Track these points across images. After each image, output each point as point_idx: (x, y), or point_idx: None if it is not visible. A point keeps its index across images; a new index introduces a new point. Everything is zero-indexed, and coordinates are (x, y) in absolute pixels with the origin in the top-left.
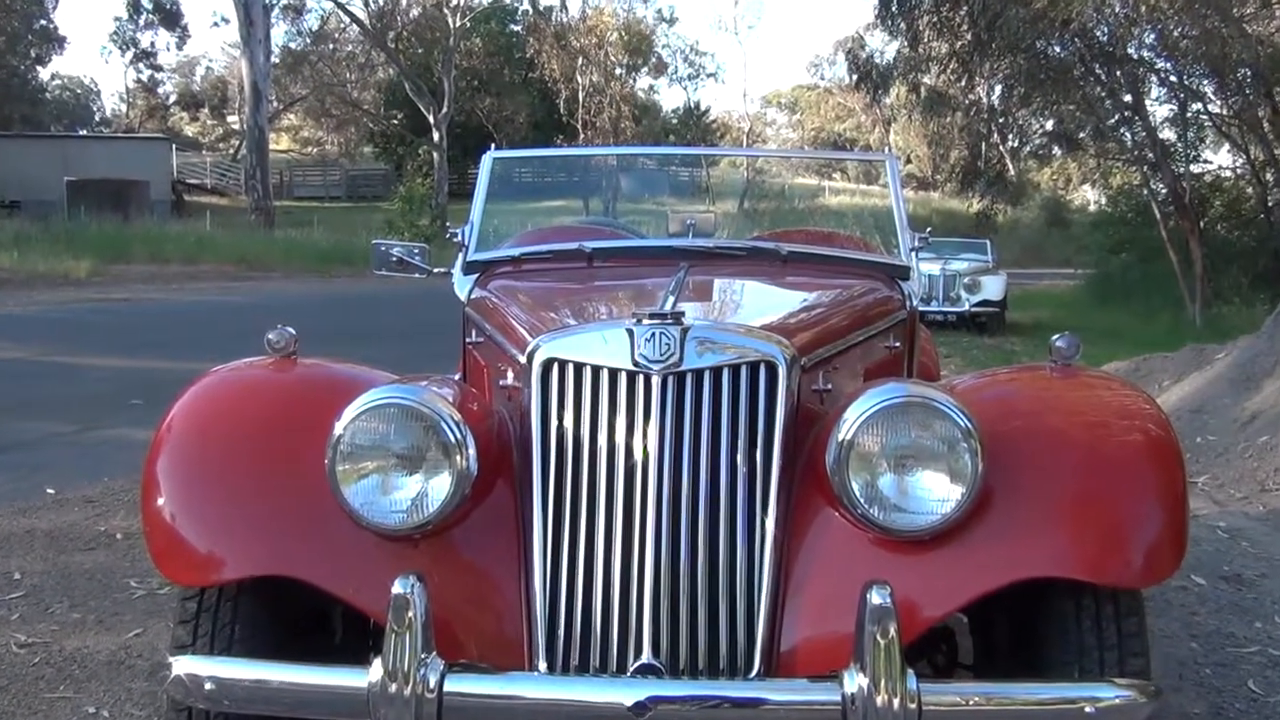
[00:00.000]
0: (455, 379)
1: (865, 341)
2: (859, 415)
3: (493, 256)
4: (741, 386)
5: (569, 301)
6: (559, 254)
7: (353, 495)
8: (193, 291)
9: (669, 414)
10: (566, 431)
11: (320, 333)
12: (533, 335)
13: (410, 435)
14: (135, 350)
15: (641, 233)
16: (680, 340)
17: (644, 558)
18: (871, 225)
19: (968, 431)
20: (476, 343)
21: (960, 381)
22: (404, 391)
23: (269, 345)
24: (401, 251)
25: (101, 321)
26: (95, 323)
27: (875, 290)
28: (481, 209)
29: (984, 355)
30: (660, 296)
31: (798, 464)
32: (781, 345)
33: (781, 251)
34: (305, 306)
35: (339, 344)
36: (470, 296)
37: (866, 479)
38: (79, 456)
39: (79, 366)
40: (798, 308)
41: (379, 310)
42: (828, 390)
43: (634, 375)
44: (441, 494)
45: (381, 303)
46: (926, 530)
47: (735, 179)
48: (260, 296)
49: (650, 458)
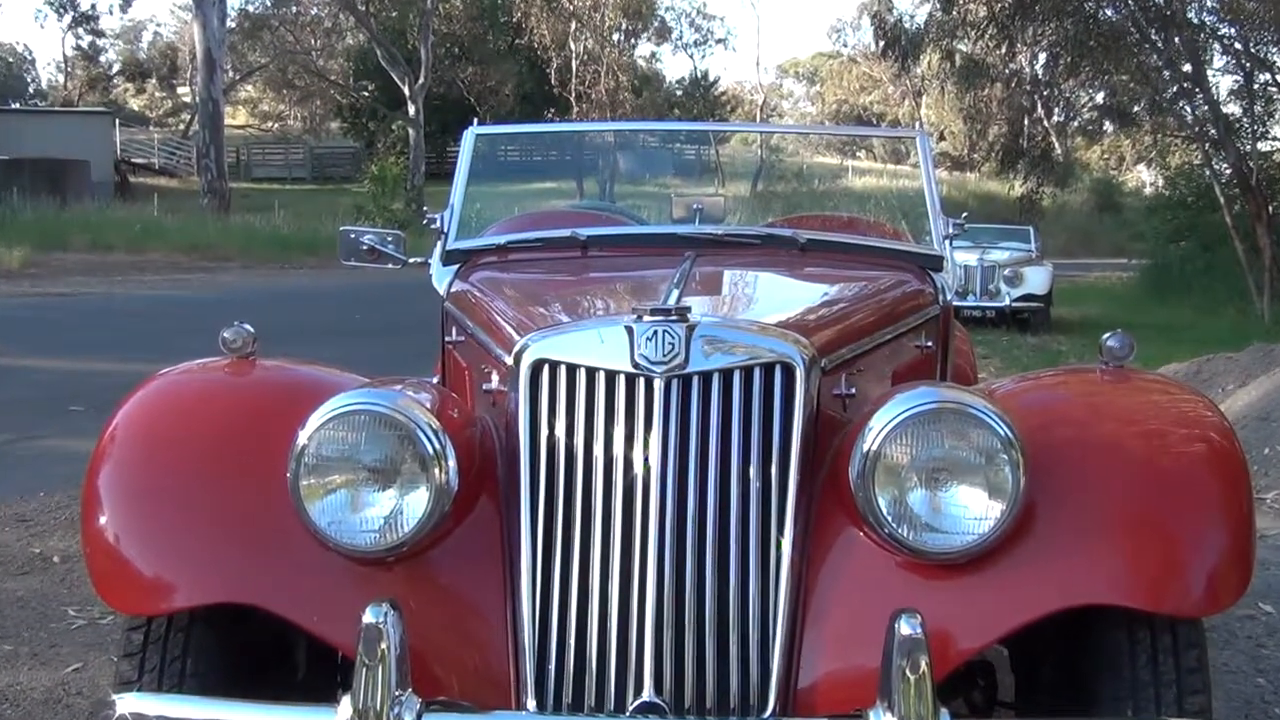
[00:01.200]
0: (433, 382)
1: (893, 341)
2: (886, 423)
3: (475, 245)
4: (754, 391)
5: (561, 295)
6: (549, 242)
7: (318, 513)
8: (139, 284)
9: (673, 422)
10: (558, 441)
11: (282, 330)
12: (520, 333)
13: (383, 446)
14: (75, 350)
15: (642, 218)
16: (685, 339)
17: (645, 583)
18: (900, 210)
19: (1008, 441)
20: (457, 342)
21: (1000, 385)
22: (376, 396)
23: (224, 344)
24: (373, 239)
25: (36, 318)
26: (29, 319)
27: (904, 283)
28: (463, 192)
29: (1026, 356)
30: (663, 290)
31: (817, 478)
32: (799, 345)
33: (799, 240)
34: (265, 301)
35: (303, 343)
36: (450, 290)
37: (894, 495)
38: (11, 469)
39: (11, 369)
40: (817, 303)
41: (347, 305)
42: (851, 395)
43: (633, 378)
44: (418, 511)
45: (350, 297)
46: (962, 552)
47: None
48: (214, 290)
49: (652, 471)
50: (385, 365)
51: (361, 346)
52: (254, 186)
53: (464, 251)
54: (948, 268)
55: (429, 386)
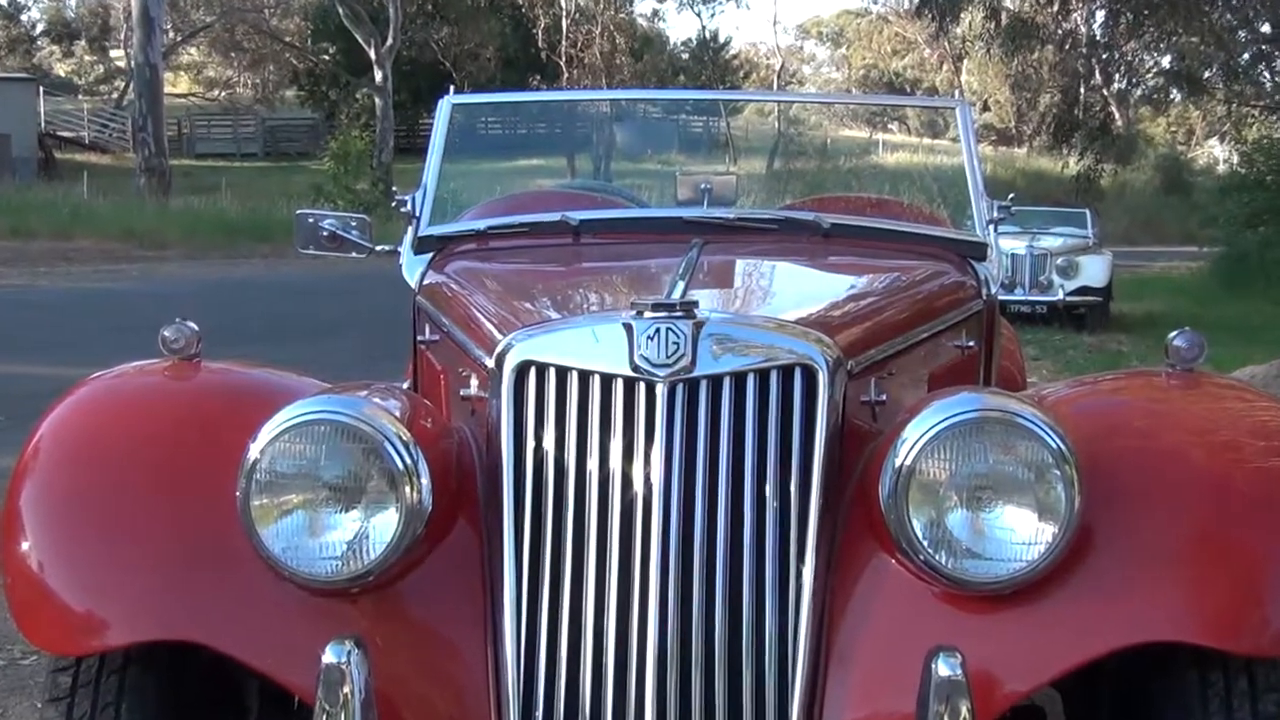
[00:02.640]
0: (403, 388)
1: (929, 340)
2: (921, 435)
3: (452, 230)
4: (771, 398)
5: (549, 288)
6: (537, 227)
7: (272, 537)
8: (66, 276)
9: (678, 433)
10: (546, 455)
11: (230, 328)
12: (503, 331)
13: (346, 460)
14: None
15: (642, 200)
16: (692, 338)
17: (646, 619)
18: (937, 191)
19: (1061, 455)
20: (431, 341)
21: (1052, 391)
22: (338, 404)
23: (164, 345)
24: (334, 225)
25: None
26: None
27: (942, 274)
28: (437, 170)
29: (1082, 358)
30: (666, 281)
31: (843, 498)
32: (822, 345)
33: (823, 224)
34: (211, 295)
35: (254, 343)
36: (423, 282)
37: (931, 517)
38: None
39: None
40: (843, 296)
41: (306, 299)
42: (881, 402)
43: (633, 383)
44: (386, 535)
45: (309, 290)
46: (1008, 582)
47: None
48: (153, 282)
49: (654, 489)
50: (349, 369)
51: (321, 347)
52: (198, 164)
53: (439, 238)
54: (992, 256)
55: (399, 393)
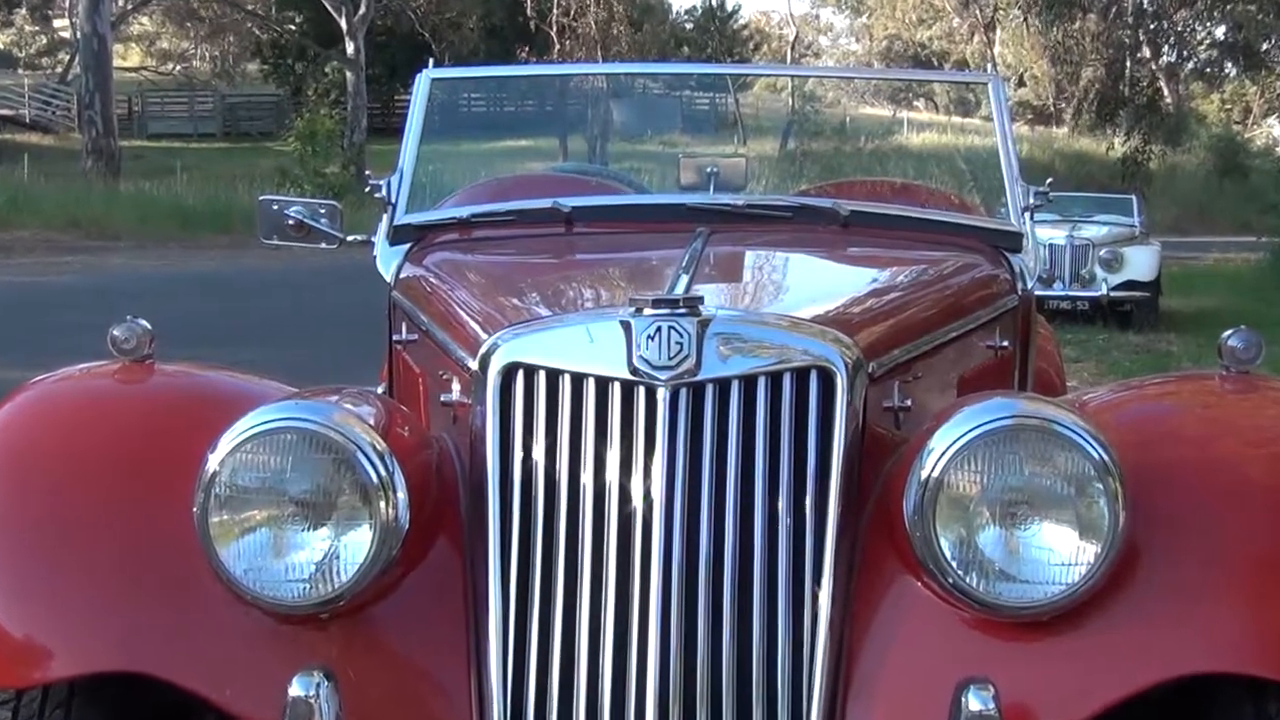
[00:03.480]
0: (378, 392)
1: (959, 339)
2: (950, 444)
3: (432, 219)
4: (784, 403)
5: (539, 282)
6: (525, 215)
7: (233, 557)
8: (4, 268)
9: (681, 442)
10: (536, 467)
11: (187, 327)
12: (488, 330)
13: (315, 472)
14: None
15: (642, 184)
16: (697, 337)
17: (646, 647)
18: (968, 175)
19: (1104, 467)
20: (408, 341)
21: (1094, 396)
22: (305, 410)
23: (114, 345)
24: (301, 212)
25: None
26: None
27: (973, 267)
28: (415, 151)
29: (1128, 359)
30: (668, 275)
31: (863, 514)
32: (840, 345)
33: (841, 212)
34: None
35: (213, 343)
36: (399, 276)
37: (961, 535)
38: None
39: None
40: (863, 292)
41: (270, 295)
42: (906, 408)
43: (632, 388)
44: (359, 555)
45: (274, 285)
46: (1046, 607)
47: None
48: (101, 275)
49: (655, 505)
50: (318, 371)
51: (288, 348)
52: (150, 145)
53: (417, 227)
54: (1028, 247)
55: (372, 398)
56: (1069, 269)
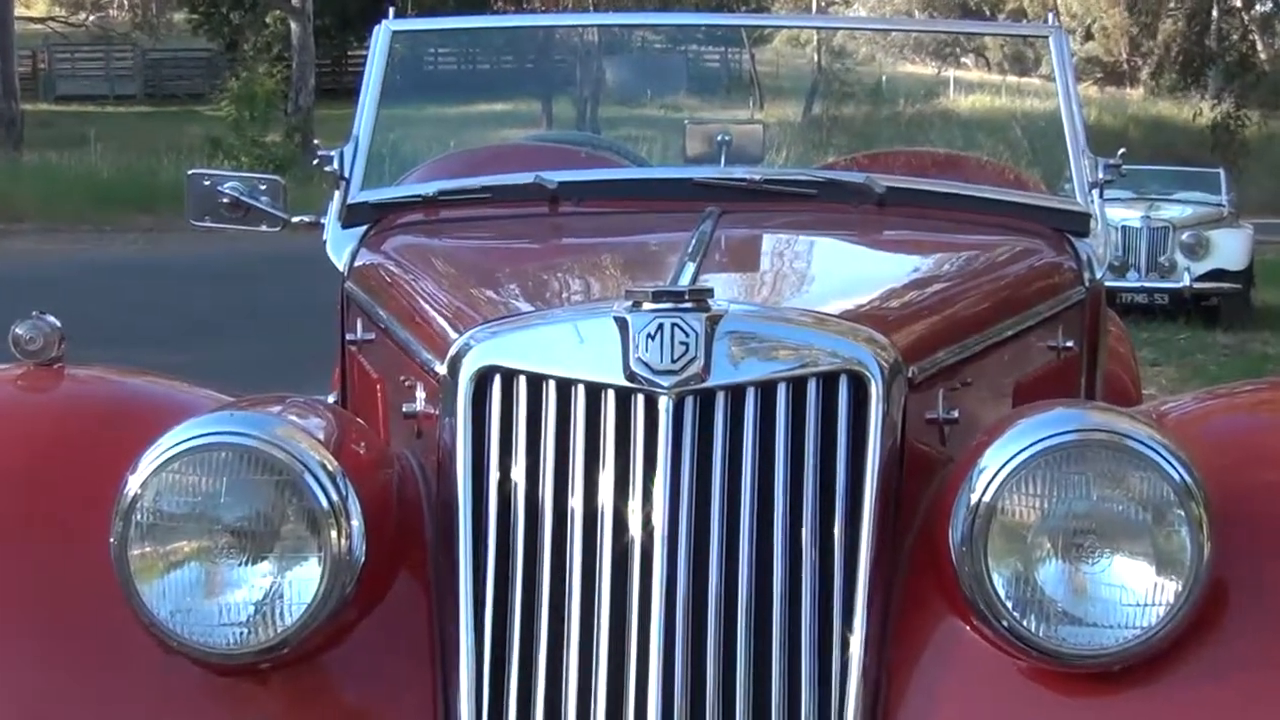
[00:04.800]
0: (328, 402)
1: (1015, 339)
2: (1004, 463)
3: (393, 197)
4: (808, 414)
5: (520, 272)
6: (503, 192)
7: (157, 598)
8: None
9: (686, 460)
10: (515, 489)
11: (103, 324)
12: (459, 328)
13: (254, 497)
14: None
15: (641, 156)
16: (705, 337)
17: (646, 703)
18: (1026, 144)
19: (1186, 489)
20: (364, 341)
21: (1174, 406)
22: (243, 423)
23: (17, 346)
24: (237, 188)
25: None
26: None
27: (1032, 254)
28: (373, 117)
29: (1215, 363)
30: (672, 263)
31: (902, 545)
32: (875, 345)
33: (876, 188)
34: (77, 280)
35: (134, 344)
36: (354, 264)
37: (1017, 570)
38: None
39: None
40: (902, 283)
41: (201, 286)
42: (952, 420)
43: (629, 396)
44: (306, 594)
45: (205, 274)
46: (1117, 655)
47: (798, 67)
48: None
49: (656, 535)
50: (257, 377)
51: (222, 349)
52: (59, 109)
53: (375, 206)
54: (1097, 230)
55: (322, 409)
56: (1145, 256)
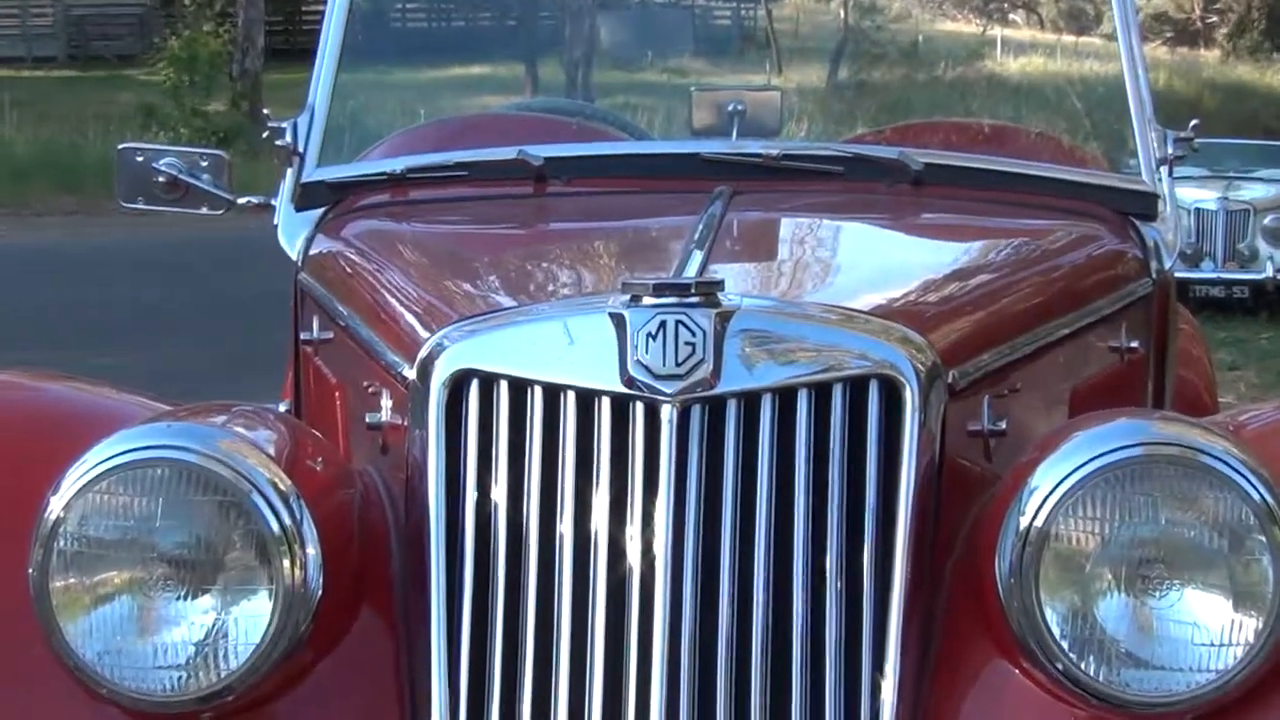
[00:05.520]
0: (280, 411)
1: (1072, 339)
2: (1059, 481)
3: (354, 175)
4: (833, 426)
5: (500, 261)
6: (481, 170)
7: (82, 636)
8: None
9: (694, 479)
10: (496, 512)
11: (20, 321)
12: (430, 327)
13: (195, 520)
14: None
15: (640, 128)
16: (715, 336)
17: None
18: (1084, 114)
19: (1268, 512)
20: (321, 341)
21: (1255, 416)
22: (182, 436)
23: None
24: (175, 165)
25: None
26: None
27: (1092, 240)
28: (331, 82)
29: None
30: (676, 251)
31: (942, 575)
32: (910, 346)
33: (912, 165)
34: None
35: (55, 344)
36: (310, 252)
37: (1074, 605)
38: None
39: None
40: (942, 274)
41: (133, 278)
42: (1000, 432)
43: (626, 405)
44: (255, 633)
45: (138, 263)
46: (1188, 701)
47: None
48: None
49: (658, 563)
50: (198, 383)
51: (157, 349)
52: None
53: (334, 186)
54: (1166, 213)
55: (273, 419)
56: (1222, 243)
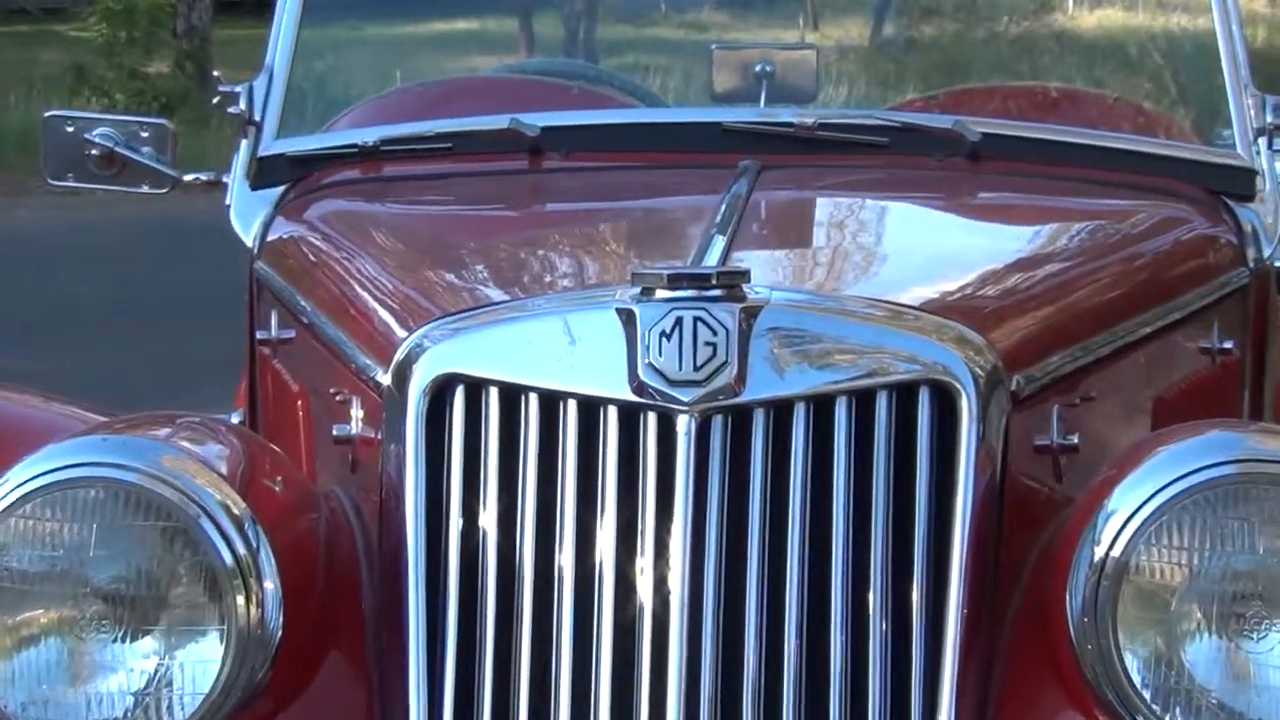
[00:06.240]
0: (232, 423)
1: (1154, 339)
2: (1140, 504)
3: (319, 147)
4: (877, 441)
5: (489, 248)
6: (467, 141)
7: (3, 684)
8: None
9: (715, 500)
10: (485, 539)
11: None
12: (408, 325)
13: (135, 550)
14: None
15: (652, 93)
16: (740, 334)
17: None
18: (1168, 77)
19: None
20: (281, 342)
21: None
22: (120, 452)
23: None
24: (110, 136)
25: None
26: None
27: (1178, 224)
28: (292, 40)
29: None
30: (695, 237)
31: (1004, 614)
32: (967, 348)
33: (968, 135)
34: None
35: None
36: (268, 238)
37: (1157, 648)
38: None
39: None
40: (1004, 263)
41: (63, 268)
42: (1071, 447)
43: (637, 415)
44: (204, 681)
45: (69, 250)
46: None
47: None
48: None
49: (674, 602)
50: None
51: (90, 351)
52: None
53: (296, 161)
54: (1265, 193)
55: (225, 431)
56: None
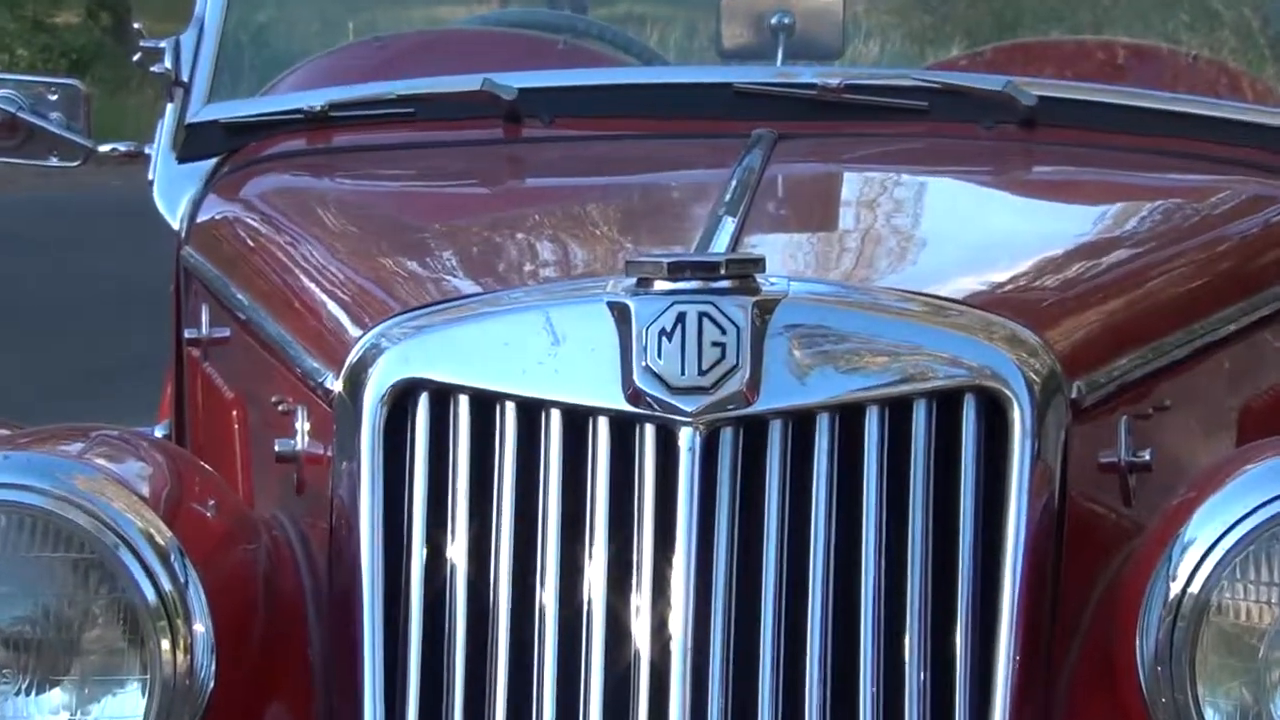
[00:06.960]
0: (156, 437)
1: (1239, 339)
2: (1221, 534)
3: (258, 113)
4: (915, 457)
5: (458, 232)
6: (433, 105)
7: None
8: None
9: (724, 527)
10: (452, 573)
11: None
12: (362, 322)
13: (42, 586)
14: None
15: (651, 49)
16: (753, 333)
17: None
18: (1257, 31)
19: None
20: (213, 341)
21: None
22: (23, 471)
23: None
24: (13, 100)
25: None
26: None
27: (1268, 204)
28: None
29: None
30: (700, 218)
31: (1065, 659)
32: (1020, 350)
33: (1021, 100)
34: None
35: None
36: (198, 219)
37: (1242, 700)
38: None
39: None
40: (1063, 249)
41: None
42: (1142, 464)
43: (632, 427)
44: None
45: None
46: None
47: None
48: None
49: (674, 645)
50: (46, 397)
51: None
52: None
53: (231, 128)
54: None
55: (147, 447)
56: None
